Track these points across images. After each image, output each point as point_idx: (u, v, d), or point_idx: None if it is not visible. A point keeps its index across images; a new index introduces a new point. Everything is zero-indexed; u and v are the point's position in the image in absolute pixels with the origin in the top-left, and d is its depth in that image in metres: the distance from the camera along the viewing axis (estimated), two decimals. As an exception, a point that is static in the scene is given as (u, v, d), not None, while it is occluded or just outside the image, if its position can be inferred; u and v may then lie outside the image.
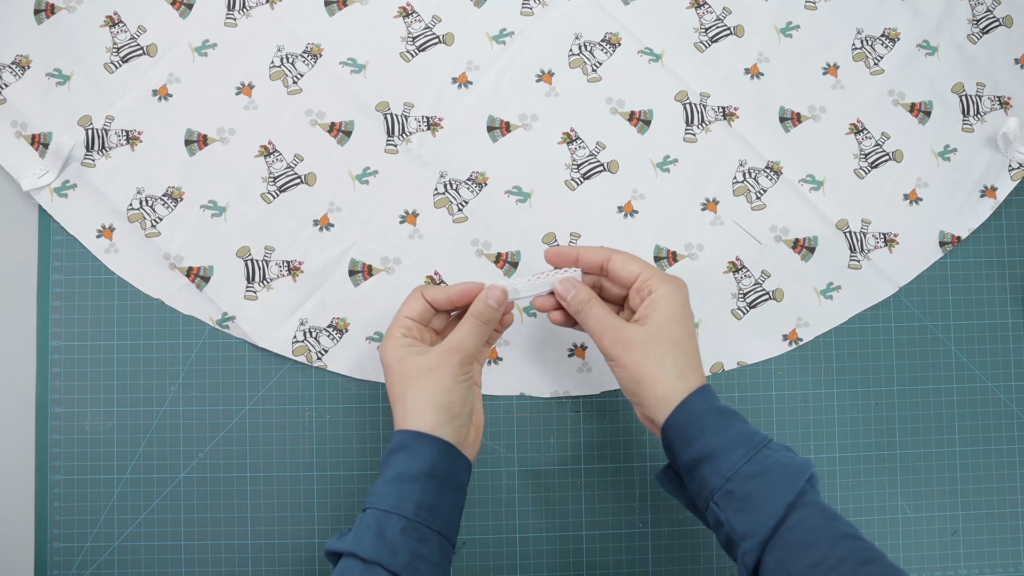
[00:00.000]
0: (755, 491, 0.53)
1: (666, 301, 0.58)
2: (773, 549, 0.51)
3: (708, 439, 0.54)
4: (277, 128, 0.71)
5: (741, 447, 0.54)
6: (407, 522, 0.55)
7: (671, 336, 0.57)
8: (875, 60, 0.75)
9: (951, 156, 0.75)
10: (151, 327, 0.70)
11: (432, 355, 0.59)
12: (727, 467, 0.54)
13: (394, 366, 0.59)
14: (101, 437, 0.69)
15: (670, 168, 0.73)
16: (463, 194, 0.72)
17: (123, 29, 0.71)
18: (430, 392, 0.58)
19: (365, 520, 0.55)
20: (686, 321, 0.58)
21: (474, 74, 0.73)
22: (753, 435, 0.55)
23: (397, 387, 0.59)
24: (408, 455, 0.56)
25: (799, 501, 0.52)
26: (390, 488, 0.56)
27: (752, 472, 0.53)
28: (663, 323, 0.57)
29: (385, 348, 0.60)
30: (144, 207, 0.70)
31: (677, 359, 0.57)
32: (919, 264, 0.74)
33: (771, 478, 0.53)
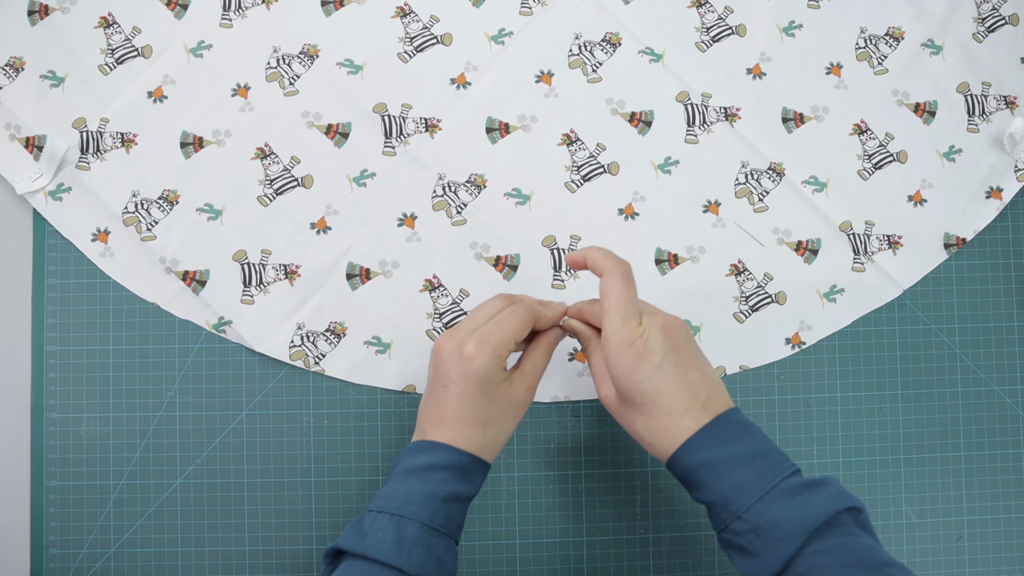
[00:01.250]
0: (749, 545, 0.50)
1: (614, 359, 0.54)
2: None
3: (699, 492, 0.53)
4: (273, 130, 0.71)
5: (731, 503, 0.51)
6: (450, 541, 0.54)
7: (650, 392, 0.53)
8: (879, 59, 0.74)
9: (956, 157, 0.74)
10: (147, 331, 0.69)
11: (519, 390, 0.57)
12: (719, 521, 0.52)
13: (489, 390, 0.55)
14: (97, 442, 0.68)
15: (671, 170, 0.72)
16: (462, 196, 0.71)
17: (118, 30, 0.70)
18: (511, 430, 0.57)
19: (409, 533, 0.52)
20: (665, 373, 0.53)
21: (473, 75, 0.72)
22: (749, 485, 0.51)
23: (480, 410, 0.55)
24: (467, 480, 0.54)
25: (810, 550, 0.48)
26: (440, 507, 0.53)
27: (743, 529, 0.50)
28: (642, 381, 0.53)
29: (483, 363, 0.54)
30: (139, 210, 0.69)
31: (659, 416, 0.53)
32: (924, 266, 0.73)
33: (766, 535, 0.49)
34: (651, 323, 0.54)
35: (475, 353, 0.54)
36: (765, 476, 0.51)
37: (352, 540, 0.52)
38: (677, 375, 0.53)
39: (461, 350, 0.54)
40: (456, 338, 0.55)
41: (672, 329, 0.54)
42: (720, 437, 0.52)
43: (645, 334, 0.53)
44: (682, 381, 0.53)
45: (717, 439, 0.52)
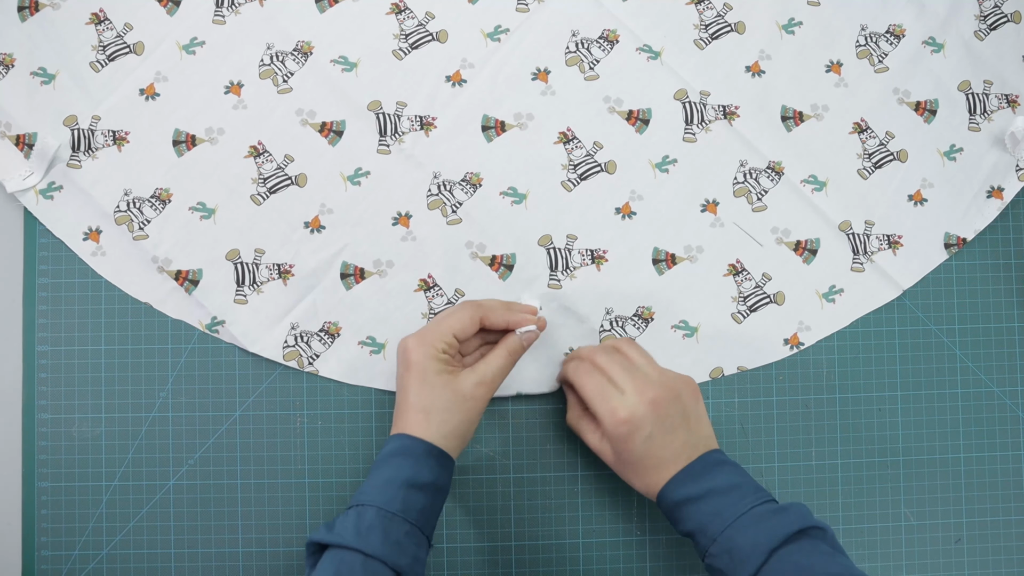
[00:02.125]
0: (724, 568, 0.57)
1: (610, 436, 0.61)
2: None
3: (682, 526, 0.60)
4: (267, 128, 0.70)
5: (708, 529, 0.58)
6: (411, 527, 0.57)
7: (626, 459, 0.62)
8: (879, 57, 0.73)
9: (957, 156, 0.73)
10: (139, 331, 0.68)
11: (467, 383, 0.61)
12: (700, 549, 0.59)
13: (427, 379, 0.61)
14: (89, 443, 0.68)
15: (669, 168, 0.71)
16: (457, 195, 0.70)
17: (109, 27, 0.69)
18: (458, 421, 0.61)
19: (366, 518, 0.56)
20: (636, 446, 0.60)
21: (468, 72, 0.71)
22: (725, 510, 0.57)
23: (422, 399, 0.60)
24: (419, 465, 0.58)
25: (769, 568, 0.55)
26: (397, 492, 0.57)
27: (718, 551, 0.57)
28: (616, 452, 0.62)
29: (418, 354, 0.61)
30: (131, 209, 0.69)
31: (635, 480, 0.62)
32: (924, 267, 0.72)
33: (735, 556, 0.56)
34: (639, 401, 0.60)
35: (412, 346, 0.62)
36: (736, 505, 0.58)
37: (323, 533, 0.57)
38: (665, 441, 0.60)
39: (403, 345, 0.63)
40: (404, 337, 0.63)
41: (661, 403, 0.61)
42: (700, 474, 0.60)
43: (634, 413, 0.60)
44: (670, 444, 0.60)
45: (697, 476, 0.59)
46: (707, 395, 0.71)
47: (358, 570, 0.54)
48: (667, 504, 0.60)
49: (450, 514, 0.69)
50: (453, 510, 0.69)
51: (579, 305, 0.70)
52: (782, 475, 0.71)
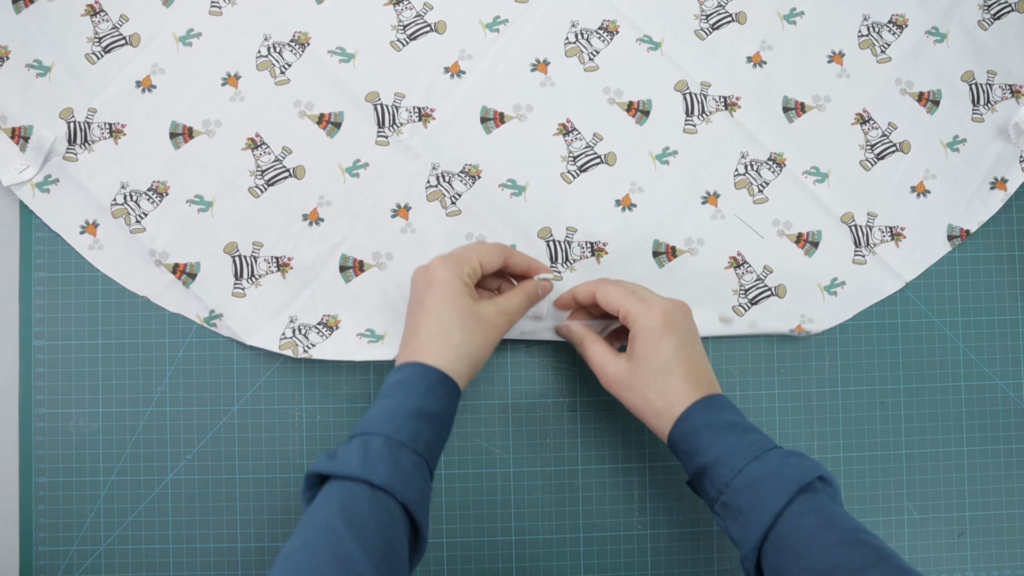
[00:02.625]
0: (745, 503, 0.53)
1: (643, 335, 0.59)
2: (768, 555, 0.52)
3: (702, 455, 0.56)
4: (264, 120, 0.69)
5: (732, 459, 0.55)
6: (419, 459, 0.55)
7: (650, 370, 0.58)
8: (882, 47, 0.72)
9: (960, 147, 0.72)
10: (137, 325, 0.68)
11: (490, 309, 0.61)
12: (720, 480, 0.55)
13: (451, 297, 0.59)
14: (86, 438, 0.67)
15: (669, 160, 0.71)
16: (456, 187, 0.70)
17: (104, 18, 0.69)
18: (475, 343, 0.59)
19: (373, 446, 0.54)
20: (667, 348, 0.58)
21: (467, 63, 0.70)
22: (747, 446, 0.55)
23: (443, 317, 0.58)
24: (430, 394, 0.57)
25: (793, 510, 0.52)
26: (407, 421, 0.55)
27: (742, 484, 0.54)
28: (641, 358, 0.59)
29: (446, 272, 0.59)
30: (128, 202, 0.68)
31: (663, 387, 0.58)
32: (927, 259, 0.72)
33: (760, 489, 0.53)
34: (668, 301, 0.60)
35: (438, 265, 0.60)
36: (759, 442, 0.56)
37: (324, 463, 0.54)
38: (691, 353, 0.59)
39: (428, 266, 0.61)
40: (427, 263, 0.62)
41: (682, 313, 0.60)
42: (720, 407, 0.57)
43: (667, 310, 0.59)
44: (693, 357, 0.59)
45: (718, 408, 0.57)
46: (708, 388, 0.70)
47: (364, 502, 0.51)
48: (686, 430, 0.56)
49: (450, 509, 0.69)
50: (453, 505, 0.69)
51: None
52: (784, 469, 0.70)
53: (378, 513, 0.51)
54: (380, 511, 0.52)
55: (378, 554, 0.50)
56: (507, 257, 0.64)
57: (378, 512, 0.51)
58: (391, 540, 0.51)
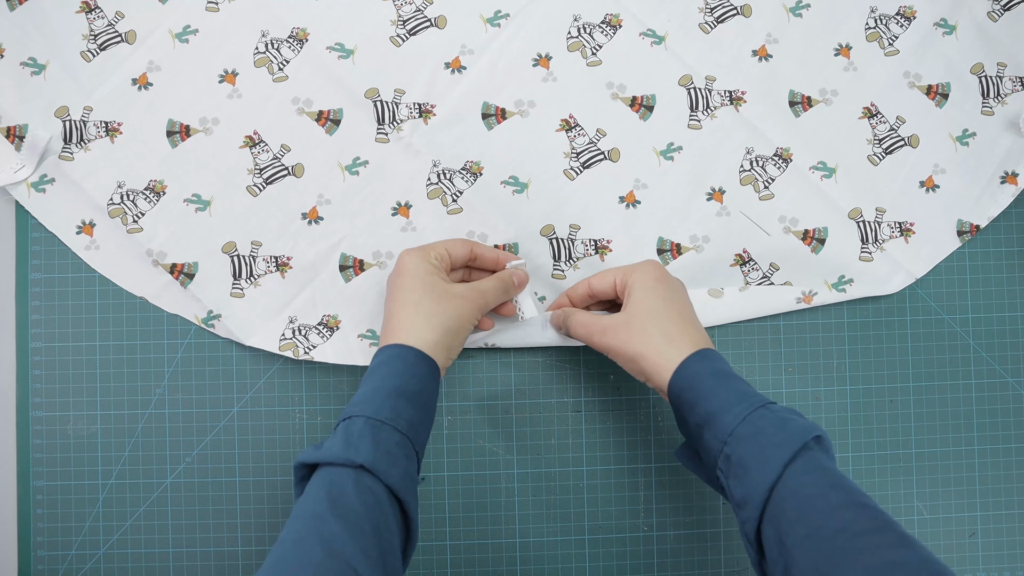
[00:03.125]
0: (748, 454, 0.51)
1: (638, 284, 0.60)
2: (770, 518, 0.50)
3: (707, 402, 0.54)
4: (263, 117, 0.68)
5: (737, 406, 0.53)
6: (401, 437, 0.54)
7: (649, 309, 0.59)
8: (890, 40, 0.71)
9: (970, 141, 0.71)
10: (135, 327, 0.67)
11: (459, 286, 0.61)
12: (723, 429, 0.53)
13: (419, 277, 0.60)
14: (85, 441, 0.67)
15: (674, 156, 0.70)
16: (457, 184, 0.69)
17: (100, 15, 0.68)
18: (446, 315, 0.59)
19: (355, 428, 0.53)
20: (662, 293, 0.60)
21: (468, 59, 0.69)
22: (751, 396, 0.54)
23: (411, 295, 0.59)
24: (407, 373, 0.56)
25: (797, 467, 0.50)
26: (385, 401, 0.55)
27: (746, 433, 0.52)
28: (639, 301, 0.60)
29: (413, 257, 0.61)
30: (125, 201, 0.67)
31: (662, 327, 0.58)
32: (936, 255, 0.70)
33: (764, 439, 0.51)
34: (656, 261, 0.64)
35: (404, 254, 0.62)
36: (758, 395, 0.54)
37: (309, 452, 0.53)
38: (683, 303, 0.60)
39: (398, 258, 0.62)
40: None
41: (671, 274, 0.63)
42: (718, 358, 0.57)
43: (659, 264, 0.62)
44: (685, 306, 0.60)
45: (716, 359, 0.56)
46: (714, 387, 0.69)
47: (349, 486, 0.51)
48: (691, 374, 0.55)
49: (453, 512, 0.68)
50: (456, 508, 0.68)
51: None
52: (791, 468, 0.69)
53: (363, 495, 0.51)
54: (365, 493, 0.51)
55: (366, 538, 0.49)
56: (473, 248, 0.64)
57: (363, 494, 0.51)
58: (378, 523, 0.50)
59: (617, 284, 0.63)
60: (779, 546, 0.48)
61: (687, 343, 0.57)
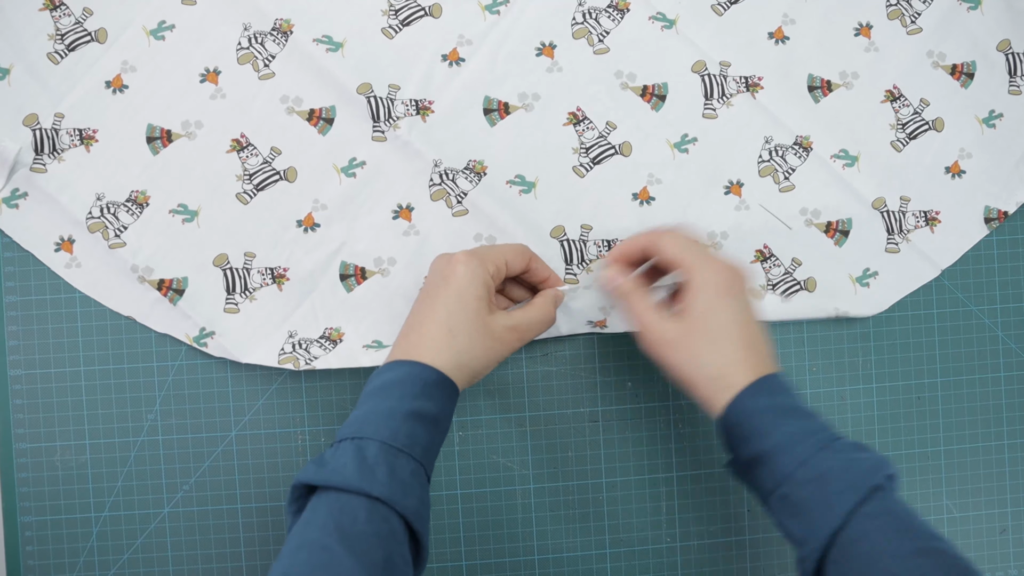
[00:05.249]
0: (810, 498, 0.48)
1: (703, 291, 0.53)
2: (834, 560, 0.47)
3: (759, 440, 0.50)
4: (250, 118, 0.64)
5: (796, 447, 0.49)
6: (416, 465, 0.51)
7: (707, 329, 0.52)
8: (912, 17, 0.67)
9: (996, 122, 0.68)
10: (122, 349, 0.63)
11: (500, 323, 0.56)
12: (780, 472, 0.49)
13: (465, 299, 0.54)
14: (74, 472, 0.63)
15: (689, 148, 0.66)
16: (461, 185, 0.65)
17: (66, 12, 0.63)
18: (478, 354, 0.55)
19: (369, 453, 0.49)
20: (727, 309, 0.53)
21: (466, 50, 0.65)
22: (813, 434, 0.50)
23: (452, 317, 0.54)
24: (425, 395, 0.52)
25: (865, 510, 0.47)
26: (402, 425, 0.51)
27: (807, 477, 0.48)
28: (697, 317, 0.53)
29: (468, 269, 0.55)
30: (106, 215, 0.63)
31: (719, 355, 0.52)
32: (963, 243, 0.68)
33: (829, 485, 0.48)
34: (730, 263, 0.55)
35: (461, 259, 0.55)
36: (823, 430, 0.50)
37: (313, 471, 0.49)
38: (752, 319, 0.54)
39: (449, 258, 0.56)
40: (452, 253, 0.57)
41: (746, 277, 0.55)
42: (780, 389, 0.52)
43: (736, 264, 0.55)
44: (752, 324, 0.53)
45: (778, 390, 0.52)
46: (736, 390, 0.66)
47: (361, 515, 0.47)
48: (745, 409, 0.51)
49: (468, 530, 0.65)
50: (471, 526, 0.65)
51: (597, 301, 0.65)
52: (818, 471, 0.67)
53: (377, 526, 0.48)
54: (379, 524, 0.48)
55: (378, 571, 0.46)
56: (531, 261, 0.60)
57: (377, 525, 0.48)
58: (392, 555, 0.47)
59: (680, 271, 0.55)
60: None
61: (746, 371, 0.51)
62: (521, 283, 0.63)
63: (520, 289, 0.63)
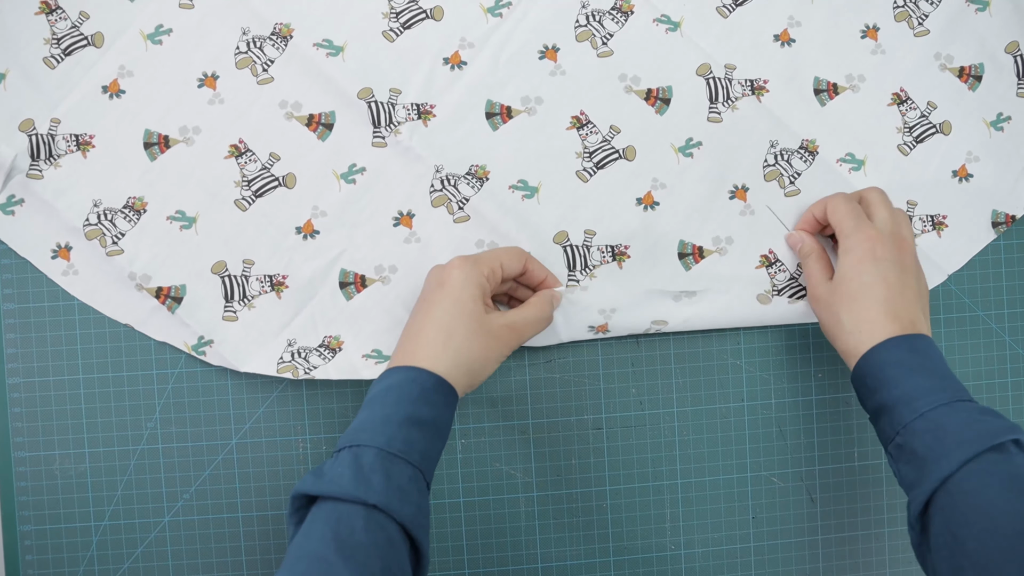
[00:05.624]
0: (927, 446, 0.50)
1: (847, 256, 0.58)
2: (942, 507, 0.49)
3: (886, 391, 0.53)
4: (248, 124, 0.63)
5: (919, 400, 0.51)
6: (414, 471, 0.51)
7: (847, 292, 0.57)
8: (919, 19, 0.66)
9: (1004, 125, 0.67)
10: (120, 357, 0.62)
11: (499, 321, 0.57)
12: (899, 420, 0.52)
13: (461, 300, 0.55)
14: (73, 482, 0.62)
15: (693, 152, 0.65)
16: (463, 190, 0.64)
17: (62, 16, 0.62)
18: (476, 355, 0.55)
19: (364, 460, 0.49)
20: (866, 272, 0.57)
21: (468, 53, 0.64)
22: (939, 391, 0.52)
23: (447, 320, 0.55)
24: (423, 400, 0.52)
25: (981, 464, 0.48)
26: (399, 430, 0.51)
27: (923, 428, 0.51)
28: (841, 279, 0.58)
29: (462, 273, 0.56)
30: (103, 221, 0.62)
31: (851, 315, 0.56)
32: (970, 248, 0.67)
33: (945, 435, 0.50)
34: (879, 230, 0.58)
35: (456, 265, 0.56)
36: (954, 389, 0.52)
37: (311, 482, 0.49)
38: (897, 280, 0.56)
39: (445, 265, 0.57)
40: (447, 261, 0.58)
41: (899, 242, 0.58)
42: (920, 349, 0.54)
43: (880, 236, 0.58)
44: (895, 285, 0.56)
45: (918, 350, 0.54)
46: (742, 396, 0.66)
47: (359, 525, 0.47)
48: (878, 362, 0.54)
49: (470, 539, 0.64)
50: (474, 535, 0.64)
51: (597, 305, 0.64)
52: (823, 478, 0.66)
53: (374, 536, 0.47)
54: (376, 533, 0.47)
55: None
56: (527, 262, 0.60)
57: (374, 535, 0.47)
58: (390, 565, 0.47)
59: (835, 227, 0.60)
60: (949, 535, 0.48)
61: (884, 326, 0.55)
62: (526, 288, 0.62)
63: (527, 293, 0.62)
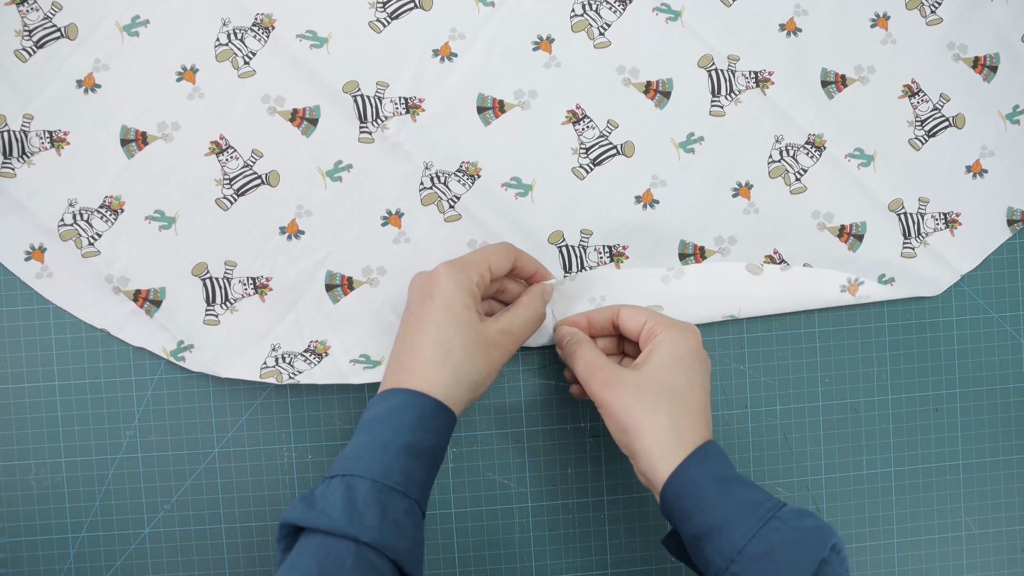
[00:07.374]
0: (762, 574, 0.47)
1: (667, 346, 0.53)
2: None
3: (706, 514, 0.48)
4: (229, 120, 0.60)
5: (744, 521, 0.48)
6: (411, 504, 0.48)
7: (667, 383, 0.52)
8: (932, 7, 0.63)
9: (1021, 118, 0.64)
10: (97, 363, 0.60)
11: (491, 329, 0.54)
12: (730, 548, 0.48)
13: (453, 311, 0.52)
14: (50, 492, 0.60)
15: (695, 148, 0.62)
16: (454, 188, 0.61)
17: (34, 7, 0.59)
18: (476, 367, 0.52)
19: (358, 492, 0.47)
20: (688, 371, 0.53)
21: (458, 44, 0.61)
22: (759, 505, 0.49)
23: (440, 334, 0.51)
24: (423, 426, 0.49)
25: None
26: (396, 461, 0.48)
27: (758, 552, 0.47)
28: (659, 367, 0.53)
29: (450, 281, 0.52)
30: (79, 222, 0.60)
31: (671, 409, 0.51)
32: (984, 247, 0.64)
33: (779, 559, 0.47)
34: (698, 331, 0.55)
35: (443, 272, 0.53)
36: (766, 500, 0.49)
37: (300, 511, 0.47)
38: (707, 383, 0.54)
39: (431, 274, 0.54)
40: (431, 269, 0.55)
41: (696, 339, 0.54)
42: (719, 457, 0.51)
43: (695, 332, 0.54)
44: (707, 389, 0.54)
45: (719, 456, 0.51)
46: (745, 402, 0.63)
47: (348, 564, 0.45)
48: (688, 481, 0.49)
49: (463, 551, 0.62)
50: (466, 546, 0.62)
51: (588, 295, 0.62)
52: (830, 487, 0.64)
53: (364, 573, 0.45)
54: (367, 571, 0.45)
55: None
56: (516, 258, 0.57)
57: (364, 572, 0.45)
58: None
59: (644, 331, 0.55)
60: None
61: (693, 437, 0.50)
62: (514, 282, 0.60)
63: (517, 285, 0.60)
